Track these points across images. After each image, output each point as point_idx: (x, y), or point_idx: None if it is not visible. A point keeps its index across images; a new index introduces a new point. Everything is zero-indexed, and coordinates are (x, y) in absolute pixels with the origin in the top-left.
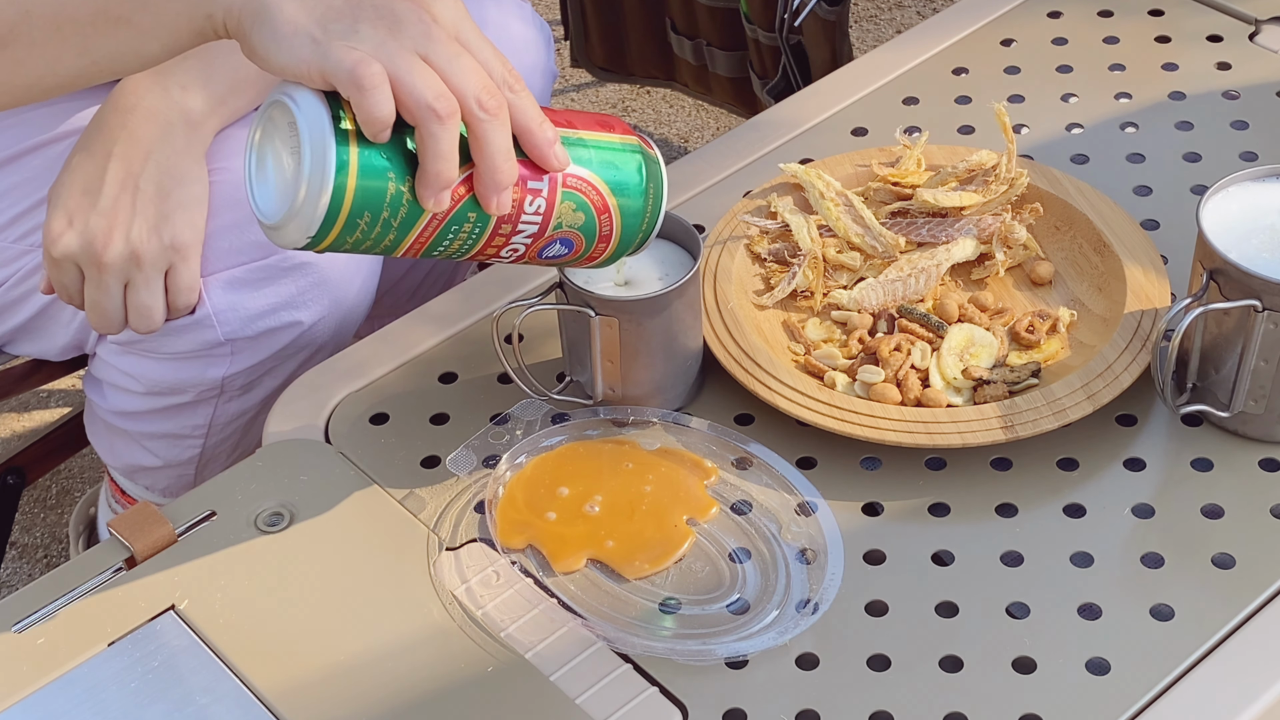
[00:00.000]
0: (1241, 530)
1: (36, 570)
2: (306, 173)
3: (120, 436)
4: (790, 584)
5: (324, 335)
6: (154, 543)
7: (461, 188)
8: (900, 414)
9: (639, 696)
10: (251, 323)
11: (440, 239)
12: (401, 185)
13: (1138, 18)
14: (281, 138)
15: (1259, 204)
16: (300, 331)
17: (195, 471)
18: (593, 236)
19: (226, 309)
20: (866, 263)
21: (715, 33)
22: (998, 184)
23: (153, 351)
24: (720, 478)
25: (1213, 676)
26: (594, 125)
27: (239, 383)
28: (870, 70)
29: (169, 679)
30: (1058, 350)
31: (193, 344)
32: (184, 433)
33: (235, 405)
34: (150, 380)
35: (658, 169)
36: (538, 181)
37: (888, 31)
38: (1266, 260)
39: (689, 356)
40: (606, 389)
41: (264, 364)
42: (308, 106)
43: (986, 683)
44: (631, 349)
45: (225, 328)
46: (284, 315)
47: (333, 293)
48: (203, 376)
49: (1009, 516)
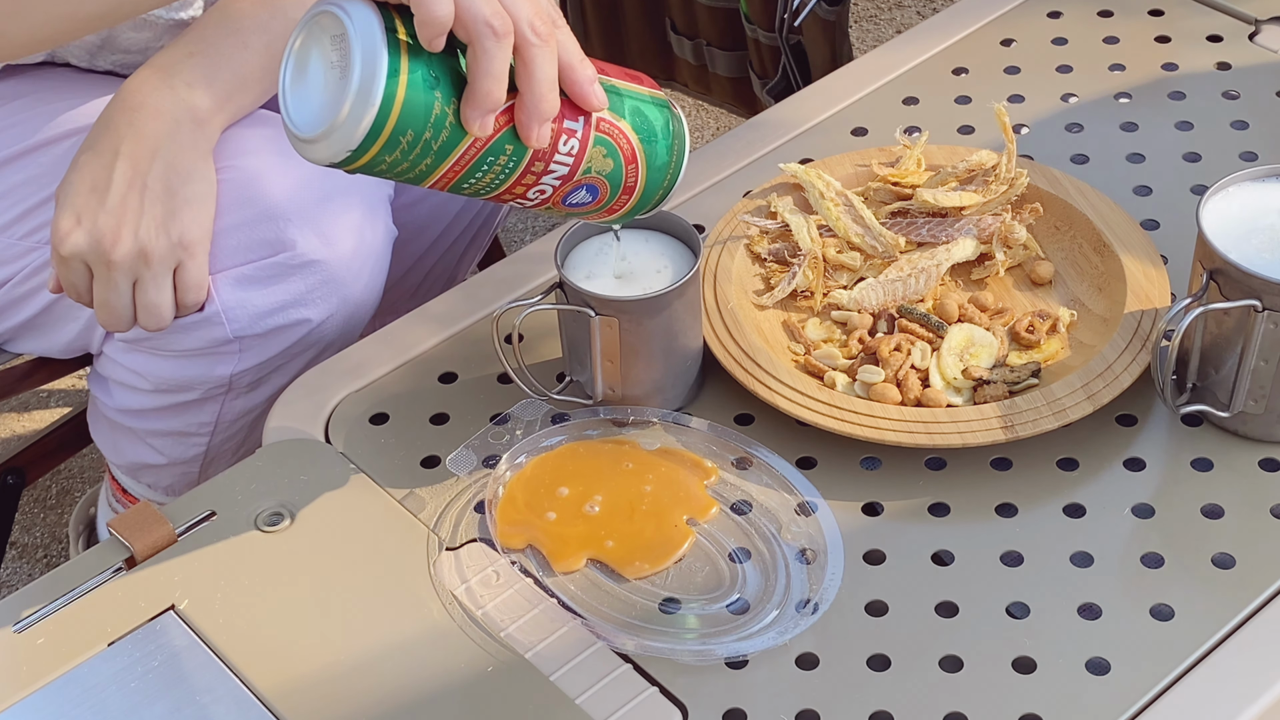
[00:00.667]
0: (1241, 530)
1: (36, 570)
2: (355, 82)
3: (125, 434)
4: (790, 584)
5: (332, 333)
6: (154, 542)
7: (502, 117)
8: (900, 414)
9: (639, 696)
10: (260, 320)
11: (474, 169)
12: (447, 106)
13: (1138, 18)
14: (323, 50)
15: (1259, 204)
16: (309, 329)
17: (200, 469)
18: (618, 186)
19: (235, 306)
20: (866, 263)
21: (715, 33)
22: (997, 184)
23: (161, 349)
24: (720, 478)
25: (1213, 676)
26: (626, 77)
27: (246, 380)
28: (870, 70)
29: (169, 679)
30: (1058, 350)
31: (201, 341)
32: (190, 430)
33: (242, 402)
34: (158, 377)
35: (681, 128)
36: (574, 121)
37: (888, 31)
38: (1266, 260)
39: (688, 356)
40: (606, 389)
41: (272, 361)
42: (359, 15)
43: (986, 683)
44: (631, 349)
45: (234, 325)
46: (292, 313)
47: (341, 290)
48: (210, 374)
49: (1009, 516)
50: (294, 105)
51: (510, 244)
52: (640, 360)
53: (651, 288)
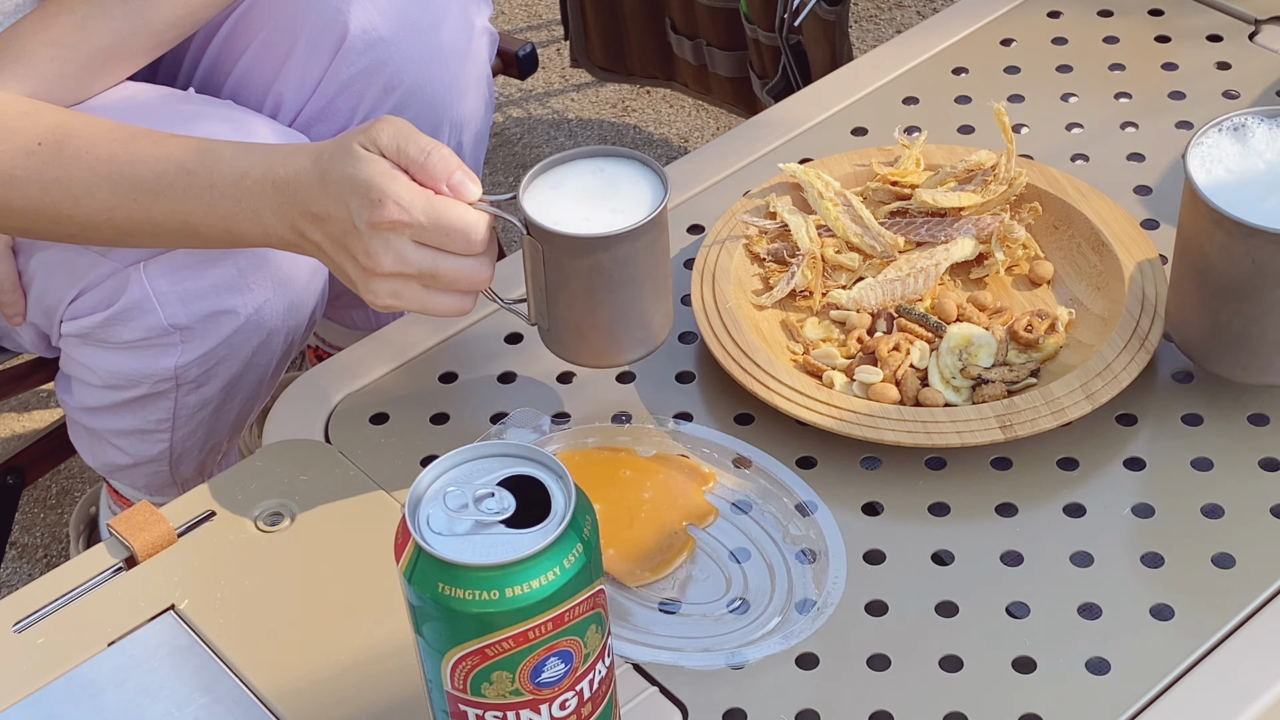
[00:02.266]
0: (1241, 530)
1: (36, 570)
2: None
3: (94, 436)
4: (792, 585)
5: (273, 319)
6: (154, 542)
7: None
8: (899, 414)
9: (639, 696)
10: (193, 304)
11: None
12: None
13: (1138, 18)
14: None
15: None
16: (247, 315)
17: (169, 468)
18: None
19: (167, 291)
20: (865, 262)
21: (715, 33)
22: (997, 184)
23: (105, 342)
24: (719, 481)
25: (1213, 676)
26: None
27: (193, 373)
28: (870, 70)
29: (169, 679)
30: (1056, 350)
31: (139, 331)
32: (149, 427)
33: (195, 397)
34: (105, 371)
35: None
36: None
37: (888, 31)
38: None
39: (622, 317)
40: (537, 314)
41: (215, 352)
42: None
43: (986, 683)
44: (555, 282)
45: (167, 310)
46: (227, 298)
47: (275, 273)
48: (155, 366)
49: (1009, 516)
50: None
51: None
52: (562, 297)
53: (588, 229)
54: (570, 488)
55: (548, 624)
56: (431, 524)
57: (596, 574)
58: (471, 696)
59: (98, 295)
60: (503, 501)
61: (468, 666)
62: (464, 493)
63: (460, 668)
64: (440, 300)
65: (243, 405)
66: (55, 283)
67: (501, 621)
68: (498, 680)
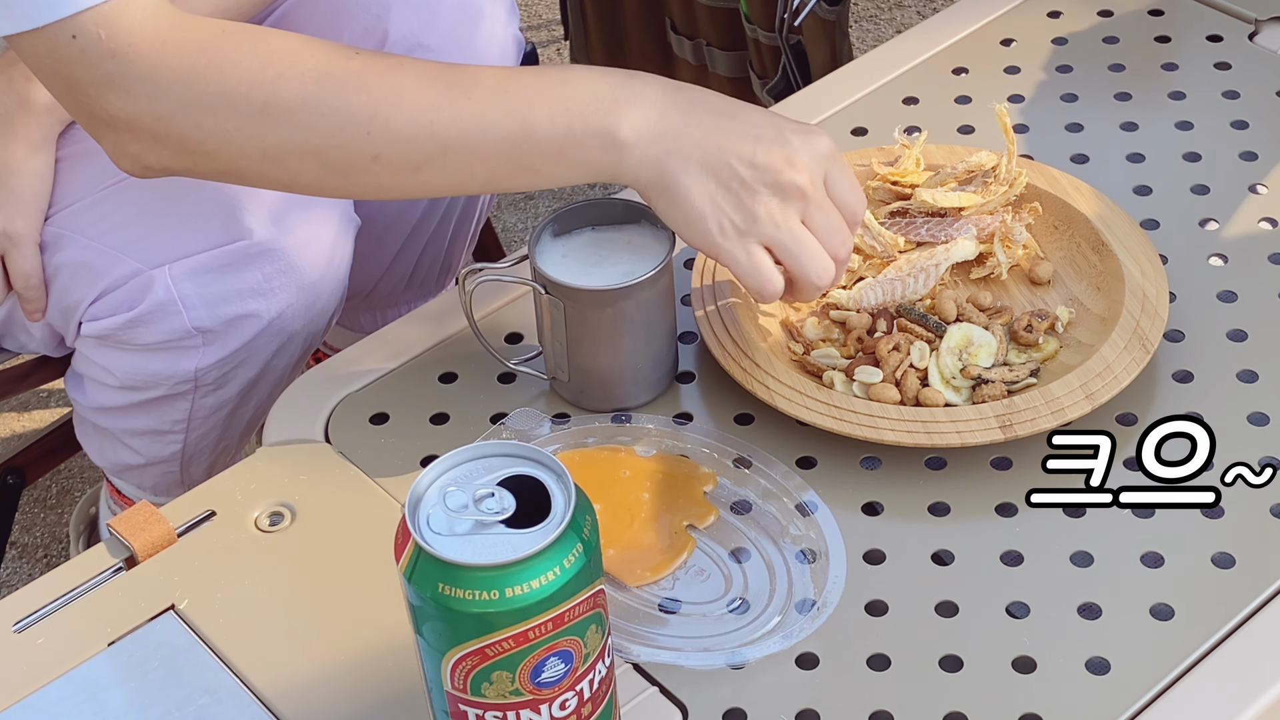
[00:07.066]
0: (1241, 530)
1: (36, 570)
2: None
3: (105, 436)
4: (792, 585)
5: (295, 323)
6: (154, 542)
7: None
8: (899, 414)
9: (639, 696)
10: (218, 308)
11: None
12: None
13: (1138, 18)
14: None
15: None
16: (270, 319)
17: (180, 468)
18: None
19: (192, 294)
20: (865, 262)
21: (715, 33)
22: (997, 185)
23: (125, 343)
24: (718, 481)
25: (1213, 676)
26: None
27: (213, 375)
28: (870, 70)
29: (169, 679)
30: (1056, 350)
31: (162, 334)
32: (164, 428)
33: (212, 399)
34: (124, 373)
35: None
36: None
37: (888, 31)
38: None
39: (641, 358)
40: (555, 369)
41: (236, 355)
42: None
43: (986, 683)
44: (576, 336)
45: (192, 313)
46: (251, 303)
47: (299, 279)
48: (175, 369)
49: (1009, 516)
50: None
51: (510, 244)
52: (585, 349)
53: (607, 282)
54: (570, 488)
55: (548, 624)
56: (431, 524)
57: (596, 574)
58: (471, 696)
59: (120, 296)
60: (503, 501)
61: (468, 666)
62: (464, 493)
63: (460, 668)
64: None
65: (257, 408)
66: (77, 283)
67: (501, 621)
68: (498, 680)
